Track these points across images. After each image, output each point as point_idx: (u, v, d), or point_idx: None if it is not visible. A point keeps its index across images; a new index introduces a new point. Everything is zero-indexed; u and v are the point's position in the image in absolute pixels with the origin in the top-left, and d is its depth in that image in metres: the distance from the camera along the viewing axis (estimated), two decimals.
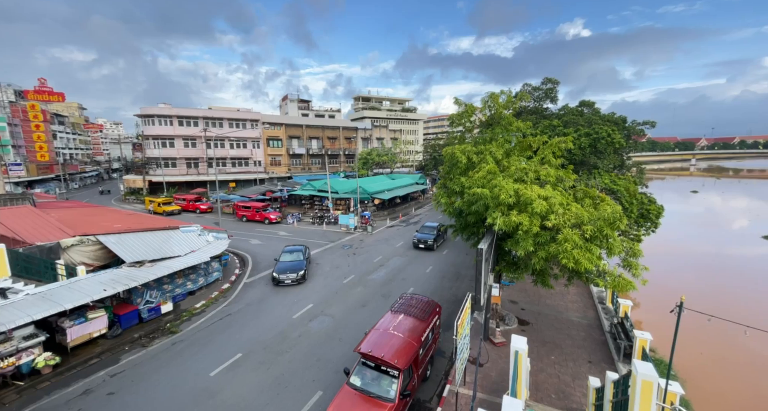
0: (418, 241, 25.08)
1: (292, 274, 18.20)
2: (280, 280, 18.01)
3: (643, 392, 6.21)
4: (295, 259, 19.57)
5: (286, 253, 20.24)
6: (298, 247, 20.92)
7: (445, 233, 26.51)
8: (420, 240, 25.09)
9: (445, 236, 27.14)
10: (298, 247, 21.06)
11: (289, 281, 18.06)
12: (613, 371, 8.98)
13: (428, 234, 25.65)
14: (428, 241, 24.82)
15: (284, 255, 20.08)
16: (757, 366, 14.44)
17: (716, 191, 68.48)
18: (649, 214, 19.12)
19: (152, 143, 48.97)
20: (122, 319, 13.56)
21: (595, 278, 10.98)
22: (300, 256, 19.84)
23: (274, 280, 18.18)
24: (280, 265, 18.86)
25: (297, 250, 20.53)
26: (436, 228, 26.13)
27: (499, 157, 13.24)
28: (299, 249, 20.67)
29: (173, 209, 38.58)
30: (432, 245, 24.76)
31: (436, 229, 26.03)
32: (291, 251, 20.35)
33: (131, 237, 16.78)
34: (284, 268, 18.55)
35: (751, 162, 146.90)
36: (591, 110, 26.96)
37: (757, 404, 12.47)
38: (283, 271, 18.37)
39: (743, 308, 18.66)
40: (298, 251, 20.35)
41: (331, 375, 11.02)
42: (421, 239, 25.12)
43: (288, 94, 72.00)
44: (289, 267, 18.71)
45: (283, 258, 19.80)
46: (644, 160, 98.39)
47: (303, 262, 19.24)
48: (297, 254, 20.03)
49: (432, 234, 25.56)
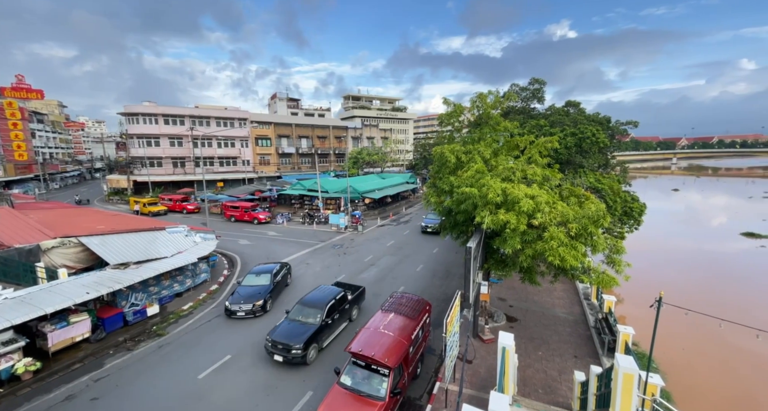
0: (426, 226, 29.58)
1: (247, 305, 14.52)
2: (232, 312, 14.47)
3: (624, 385, 6.41)
4: (260, 284, 15.76)
5: (252, 274, 16.52)
6: (269, 267, 17.19)
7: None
8: (428, 225, 29.46)
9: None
10: (270, 266, 17.38)
11: (243, 313, 14.45)
12: (598, 365, 9.22)
13: (435, 220, 28.33)
14: (436, 226, 27.27)
15: (248, 277, 16.36)
16: (734, 358, 15.01)
17: (696, 189, 70.80)
18: (632, 211, 19.65)
19: (137, 142, 47.84)
20: (106, 323, 13.24)
21: (580, 275, 11.23)
22: (266, 280, 15.99)
23: (226, 310, 14.67)
24: (238, 292, 15.36)
25: (266, 270, 16.75)
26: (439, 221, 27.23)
27: (487, 156, 13.41)
28: (269, 269, 16.86)
29: (159, 210, 37.80)
30: (438, 230, 24.59)
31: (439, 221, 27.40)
32: (258, 273, 16.58)
33: (115, 238, 16.39)
34: (240, 297, 14.95)
35: (728, 161, 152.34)
36: (576, 110, 27.51)
37: (733, 394, 12.99)
38: (237, 300, 14.75)
39: (722, 303, 19.37)
40: (266, 273, 16.47)
41: (322, 375, 11.00)
42: (429, 225, 29.50)
43: (277, 93, 71.23)
44: (248, 294, 15.09)
45: (247, 281, 16.10)
46: (628, 159, 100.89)
47: (267, 287, 15.60)
48: (264, 277, 16.20)
49: (438, 220, 27.38)
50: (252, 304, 14.60)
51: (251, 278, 16.20)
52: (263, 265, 17.81)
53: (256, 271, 16.85)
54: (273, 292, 15.92)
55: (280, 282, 16.94)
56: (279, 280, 16.83)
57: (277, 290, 16.60)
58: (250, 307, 14.56)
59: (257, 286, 15.70)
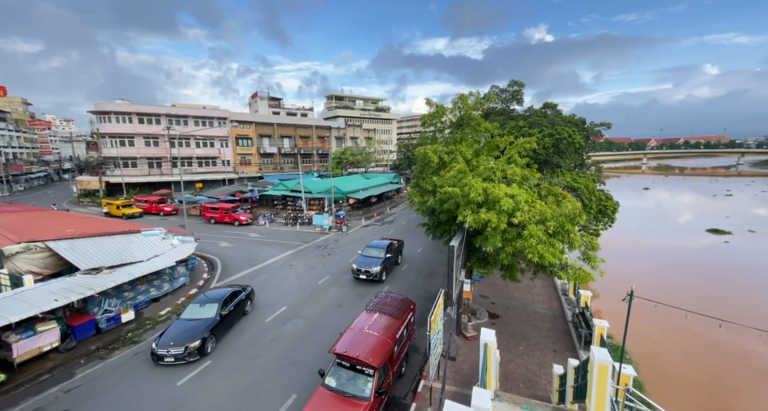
0: (358, 270, 18.27)
1: (177, 348, 11.23)
2: (159, 357, 11.29)
3: (599, 376, 6.69)
4: (202, 317, 12.60)
5: (196, 304, 13.26)
6: (218, 293, 13.99)
7: (399, 250, 21.62)
8: (361, 269, 18.20)
9: (400, 255, 21.85)
10: (221, 292, 14.12)
11: (172, 359, 11.27)
12: (575, 358, 9.56)
13: (374, 259, 18.75)
14: (372, 270, 18.07)
15: (191, 308, 13.08)
16: (700, 346, 15.89)
17: (665, 188, 74.45)
18: (607, 210, 20.47)
19: (109, 142, 45.81)
20: (77, 331, 12.62)
21: (558, 271, 11.62)
22: (212, 312, 12.84)
23: (152, 354, 11.46)
24: (171, 329, 12.11)
25: (214, 299, 13.53)
26: (385, 247, 19.65)
27: (468, 156, 13.65)
28: (218, 297, 13.63)
29: (134, 212, 36.41)
30: (378, 275, 18.12)
31: (385, 249, 19.54)
32: (204, 302, 13.28)
33: (86, 242, 15.65)
34: (171, 336, 11.71)
35: (693, 161, 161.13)
36: (554, 112, 28.41)
37: (700, 379, 13.75)
38: (166, 341, 11.48)
39: (690, 295, 20.47)
40: (214, 302, 13.23)
41: (306, 377, 10.89)
42: (362, 268, 18.20)
43: (258, 92, 69.86)
44: (182, 332, 11.84)
45: (188, 313, 12.90)
46: (602, 159, 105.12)
47: (210, 322, 12.44)
48: (209, 308, 12.98)
49: (379, 258, 18.83)
50: (184, 347, 11.31)
51: (193, 309, 13.05)
52: (215, 290, 14.73)
53: (200, 300, 13.59)
54: (219, 328, 12.70)
55: (232, 313, 13.70)
56: (230, 311, 13.62)
57: (227, 323, 13.39)
58: (181, 351, 11.25)
59: (198, 320, 12.48)
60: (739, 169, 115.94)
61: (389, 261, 19.53)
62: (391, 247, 20.32)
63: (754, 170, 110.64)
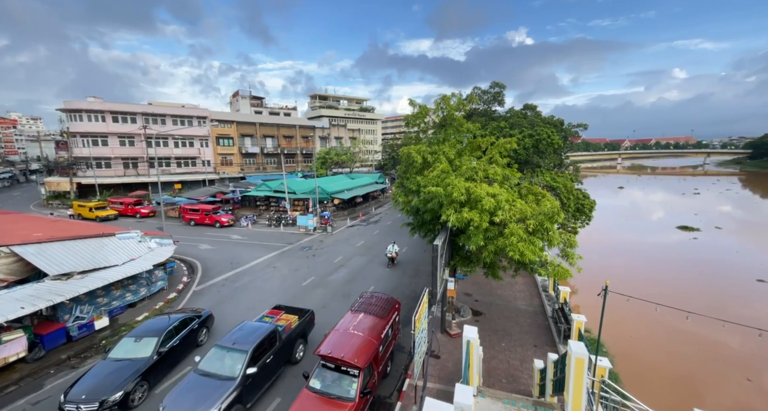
0: None
1: (89, 405, 8.75)
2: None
3: (576, 369, 6.92)
4: (134, 357, 10.09)
5: (130, 338, 10.68)
6: (161, 323, 11.38)
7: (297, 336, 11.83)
8: None
9: (302, 342, 12.12)
10: (172, 318, 11.65)
11: None
12: (554, 353, 9.84)
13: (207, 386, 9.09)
14: None
15: (123, 343, 10.50)
16: (673, 338, 16.66)
17: (638, 187, 77.69)
18: (584, 208, 21.17)
19: (80, 141, 43.78)
20: (46, 340, 12.00)
21: (538, 268, 11.93)
22: (148, 349, 10.25)
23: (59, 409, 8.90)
24: (92, 373, 9.71)
25: (155, 330, 10.95)
26: (253, 345, 9.84)
27: (451, 157, 13.84)
28: (160, 328, 11.04)
29: (109, 214, 34.92)
30: None
31: (253, 346, 9.83)
32: (140, 335, 10.74)
33: (56, 246, 14.89)
34: (86, 385, 9.25)
35: (664, 161, 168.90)
36: (533, 113, 29.16)
37: (671, 369, 14.43)
38: (78, 392, 9.03)
39: (662, 288, 21.43)
40: (153, 336, 10.65)
41: (290, 380, 10.76)
42: None
43: (239, 91, 68.39)
44: (102, 378, 9.41)
45: (118, 350, 10.36)
46: (579, 159, 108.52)
47: (142, 365, 9.92)
48: (145, 344, 10.37)
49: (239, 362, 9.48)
50: (98, 402, 8.80)
51: (126, 346, 10.43)
52: (161, 317, 12.09)
53: (137, 332, 11.02)
54: (155, 372, 10.20)
55: (177, 348, 11.09)
56: (174, 346, 11.01)
57: (170, 362, 10.86)
58: (95, 408, 8.76)
59: (127, 361, 9.95)
60: (705, 168, 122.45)
61: (255, 381, 9.62)
62: (265, 344, 10.19)
63: (719, 169, 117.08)
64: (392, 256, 21.27)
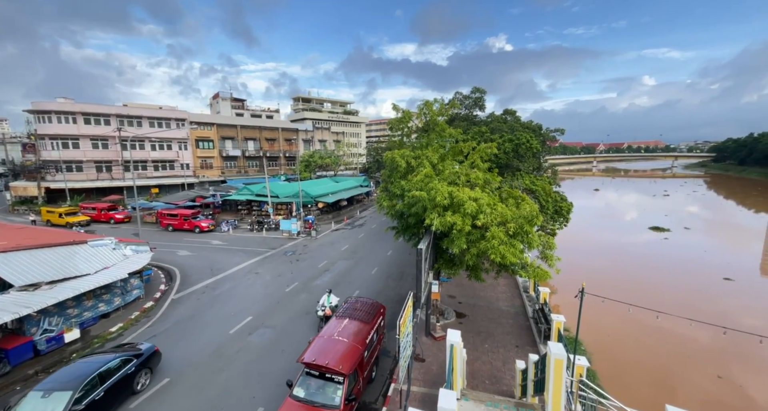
0: None
1: None
2: None
3: (555, 370, 7.13)
4: None
5: (38, 392, 8.39)
6: (82, 369, 9.18)
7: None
8: None
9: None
10: (100, 360, 9.70)
11: None
12: (535, 353, 10.11)
13: None
14: None
15: (27, 402, 8.18)
16: (647, 336, 17.36)
17: (612, 189, 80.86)
18: (562, 210, 21.87)
19: (50, 144, 41.68)
20: (11, 354, 11.33)
21: (518, 270, 12.21)
22: (59, 406, 7.99)
23: None
24: None
25: (74, 380, 8.70)
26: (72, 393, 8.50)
27: (434, 161, 14.03)
28: (80, 375, 8.88)
29: (80, 220, 33.35)
30: None
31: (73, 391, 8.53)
32: (50, 389, 8.39)
33: (21, 255, 14.10)
34: None
35: (636, 164, 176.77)
36: (513, 118, 29.97)
37: (646, 364, 15.05)
38: None
39: (635, 288, 22.34)
40: (66, 389, 8.38)
41: (273, 389, 10.56)
42: None
43: (220, 92, 66.98)
44: None
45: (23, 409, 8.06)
46: (557, 162, 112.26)
47: None
48: (57, 399, 8.14)
49: None
50: None
51: (31, 403, 8.15)
52: (84, 360, 9.89)
53: (46, 385, 8.61)
54: None
55: (102, 401, 8.93)
56: (100, 398, 8.88)
57: None
58: None
59: None
60: (674, 171, 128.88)
61: None
62: None
63: (686, 172, 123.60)
64: (326, 313, 13.83)
